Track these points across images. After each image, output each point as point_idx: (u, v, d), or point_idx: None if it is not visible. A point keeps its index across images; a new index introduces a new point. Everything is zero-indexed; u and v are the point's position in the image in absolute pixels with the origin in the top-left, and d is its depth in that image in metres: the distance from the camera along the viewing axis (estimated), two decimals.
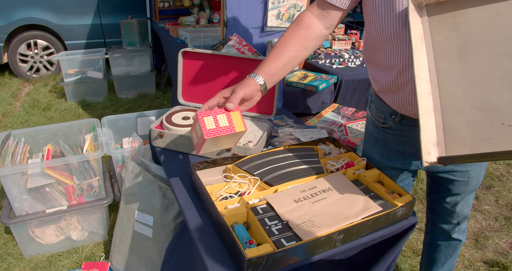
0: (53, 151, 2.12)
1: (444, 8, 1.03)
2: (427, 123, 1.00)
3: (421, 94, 1.00)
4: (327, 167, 1.34)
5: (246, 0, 1.86)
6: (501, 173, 3.22)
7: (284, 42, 1.24)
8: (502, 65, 0.95)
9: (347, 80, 2.38)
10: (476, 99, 0.98)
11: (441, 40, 1.03)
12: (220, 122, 1.11)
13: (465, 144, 0.97)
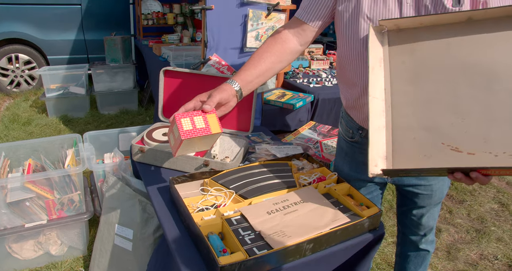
0: (34, 165, 2.15)
1: (404, 34, 1.13)
2: (377, 138, 1.10)
3: (374, 112, 1.10)
4: (299, 181, 1.41)
5: (226, 22, 1.94)
6: (473, 188, 3.35)
7: (262, 54, 1.33)
8: (448, 91, 1.06)
9: (324, 99, 2.48)
10: (423, 119, 1.08)
11: (397, 64, 1.14)
12: (197, 124, 1.18)
13: (410, 159, 1.08)
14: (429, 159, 1.06)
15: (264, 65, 1.32)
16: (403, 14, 1.17)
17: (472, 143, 1.01)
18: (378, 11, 1.19)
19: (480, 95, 1.02)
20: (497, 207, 3.09)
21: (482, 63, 1.03)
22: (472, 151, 1.01)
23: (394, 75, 1.14)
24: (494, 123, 1.00)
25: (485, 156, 0.99)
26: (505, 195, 3.27)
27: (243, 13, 1.96)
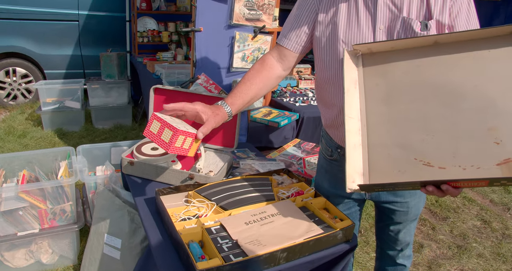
0: (28, 176, 2.23)
1: (377, 57, 1.23)
2: (354, 156, 1.18)
3: (350, 131, 1.19)
4: (278, 195, 1.50)
5: (214, 43, 2.06)
6: (457, 205, 3.45)
7: (251, 79, 1.44)
8: (418, 110, 1.15)
9: (309, 117, 2.60)
10: (396, 137, 1.17)
11: (371, 85, 1.23)
12: (163, 135, 1.27)
13: (385, 174, 1.16)
14: (403, 174, 1.14)
15: (253, 92, 1.43)
16: (376, 39, 1.28)
17: (443, 157, 1.10)
18: (353, 36, 1.31)
19: (448, 113, 1.11)
20: (480, 224, 3.18)
21: (449, 83, 1.12)
22: (443, 165, 1.09)
23: (368, 96, 1.23)
24: (462, 139, 1.08)
25: (455, 170, 1.07)
26: (488, 212, 3.37)
27: (230, 35, 2.08)
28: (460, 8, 1.24)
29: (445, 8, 1.24)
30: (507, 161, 1.01)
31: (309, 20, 1.40)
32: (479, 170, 1.04)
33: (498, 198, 3.65)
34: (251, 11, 2.08)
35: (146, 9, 4.85)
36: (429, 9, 1.25)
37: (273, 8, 2.18)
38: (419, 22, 1.25)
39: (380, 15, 1.28)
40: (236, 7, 2.03)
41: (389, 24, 1.28)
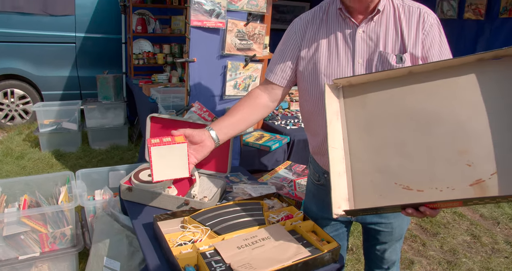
0: (29, 201, 2.31)
1: (356, 89, 1.32)
2: (338, 183, 1.27)
3: (334, 160, 1.27)
4: (269, 219, 1.59)
5: (206, 73, 2.17)
6: (447, 221, 3.54)
7: (237, 107, 1.54)
8: (396, 136, 1.24)
9: (299, 140, 2.70)
10: (377, 163, 1.26)
11: (352, 115, 1.33)
12: (164, 139, 1.37)
13: (369, 199, 1.25)
14: (385, 198, 1.22)
15: (238, 116, 1.52)
16: (356, 72, 1.39)
17: (420, 181, 1.18)
18: (334, 70, 1.42)
19: (423, 139, 1.20)
20: (470, 239, 3.27)
21: (423, 110, 1.21)
22: (421, 188, 1.18)
23: (350, 125, 1.32)
24: (437, 162, 1.17)
25: (432, 192, 1.16)
26: (478, 227, 3.46)
27: (223, 65, 2.19)
28: (432, 40, 1.36)
29: (418, 42, 1.35)
30: (478, 182, 1.09)
31: (293, 55, 1.50)
32: (454, 191, 1.12)
33: (488, 212, 3.75)
34: (242, 41, 2.20)
35: (141, 32, 4.98)
36: (404, 43, 1.36)
37: (263, 37, 2.30)
38: (394, 56, 1.36)
39: (358, 50, 1.39)
40: (228, 38, 2.15)
41: (367, 58, 1.39)
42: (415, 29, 1.36)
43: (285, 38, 1.54)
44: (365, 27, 1.38)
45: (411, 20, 1.36)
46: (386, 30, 1.37)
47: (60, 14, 5.48)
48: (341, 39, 1.41)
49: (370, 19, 1.37)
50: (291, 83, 1.57)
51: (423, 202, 1.11)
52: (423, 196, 1.16)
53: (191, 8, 2.03)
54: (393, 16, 1.38)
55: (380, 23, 1.38)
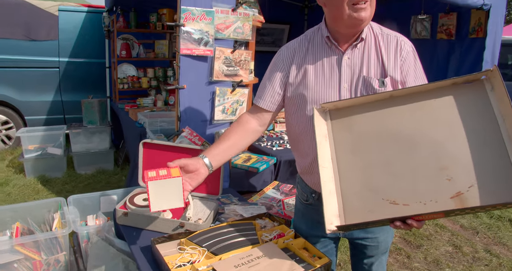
0: (21, 229, 2.33)
1: (342, 112, 1.43)
2: (330, 201, 1.36)
3: (324, 179, 1.37)
4: (262, 238, 1.66)
5: (196, 99, 2.26)
6: (430, 233, 3.66)
7: (227, 133, 1.63)
8: (380, 156, 1.34)
9: (285, 160, 2.80)
10: (365, 181, 1.36)
11: (340, 137, 1.43)
12: (160, 172, 1.47)
13: (358, 215, 1.33)
14: (373, 213, 1.31)
15: (229, 142, 1.61)
16: (341, 96, 1.50)
17: (405, 196, 1.28)
18: (321, 95, 1.52)
19: (406, 157, 1.30)
20: (451, 249, 3.39)
21: (404, 130, 1.32)
22: (406, 202, 1.27)
23: (338, 146, 1.43)
24: (420, 178, 1.27)
25: (417, 205, 1.25)
26: (459, 237, 3.59)
27: (211, 91, 2.29)
28: (409, 66, 1.49)
29: (397, 67, 1.48)
30: (458, 194, 1.20)
31: (281, 82, 1.60)
32: (437, 204, 1.22)
33: (468, 223, 3.89)
34: (229, 68, 2.30)
35: (126, 56, 5.06)
36: (384, 68, 1.48)
37: (248, 63, 2.41)
38: (377, 80, 1.47)
39: (344, 75, 1.50)
40: (216, 65, 2.25)
41: (352, 82, 1.50)
42: (393, 55, 1.48)
43: (272, 66, 1.65)
44: (350, 53, 1.50)
45: (389, 48, 1.49)
46: (369, 57, 1.49)
47: (43, 39, 5.53)
48: (328, 65, 1.52)
49: (354, 46, 1.49)
50: (280, 108, 1.67)
51: (410, 215, 1.21)
52: (408, 209, 1.26)
53: (180, 37, 2.12)
54: (374, 44, 1.50)
55: (363, 50, 1.50)
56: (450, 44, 4.83)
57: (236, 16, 2.26)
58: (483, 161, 1.20)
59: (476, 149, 1.22)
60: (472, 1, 3.50)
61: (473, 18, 4.33)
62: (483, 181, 1.19)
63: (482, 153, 1.21)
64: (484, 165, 1.20)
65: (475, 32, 4.33)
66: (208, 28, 2.17)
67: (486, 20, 3.97)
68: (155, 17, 5.15)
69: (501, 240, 3.60)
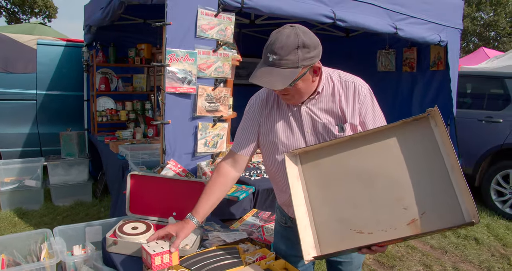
0: (7, 261, 2.38)
1: (310, 155, 1.63)
2: (305, 234, 1.54)
3: (299, 215, 1.55)
4: (245, 260, 1.81)
5: (180, 133, 2.42)
6: (401, 254, 3.86)
7: (211, 188, 1.80)
8: (346, 191, 1.54)
9: (263, 189, 2.96)
10: (334, 214, 1.54)
11: (310, 177, 1.62)
12: (164, 259, 1.66)
13: (331, 245, 1.51)
14: (344, 241, 1.49)
15: (214, 197, 1.79)
16: (307, 139, 1.70)
17: (369, 225, 1.46)
18: (289, 140, 1.72)
19: (367, 191, 1.49)
20: (422, 269, 3.58)
21: (364, 167, 1.51)
22: (370, 231, 1.45)
23: (309, 185, 1.61)
24: (380, 209, 1.45)
25: (379, 233, 1.43)
26: (429, 257, 3.81)
27: (194, 125, 2.46)
28: (367, 108, 1.67)
29: (355, 112, 1.66)
30: (413, 221, 1.39)
31: (253, 131, 1.81)
32: (396, 230, 1.41)
33: (437, 243, 4.14)
34: (210, 104, 2.49)
35: (105, 90, 5.18)
36: (343, 114, 1.67)
37: (228, 99, 2.60)
38: (336, 126, 1.66)
39: (305, 123, 1.70)
40: (199, 102, 2.43)
41: (314, 128, 1.70)
42: (352, 101, 1.66)
43: (246, 117, 1.84)
44: (308, 104, 1.69)
45: (348, 93, 1.67)
46: (326, 106, 1.68)
47: (21, 72, 5.61)
48: (291, 115, 1.73)
49: (312, 99, 1.68)
50: (254, 151, 1.86)
51: (374, 243, 1.40)
52: (372, 237, 1.44)
53: (165, 76, 2.31)
54: (331, 92, 1.68)
55: (320, 101, 1.68)
56: (413, 76, 5.19)
57: (216, 56, 2.47)
58: (432, 190, 1.39)
59: (425, 180, 1.41)
60: (430, 38, 3.84)
61: (432, 52, 4.71)
62: (433, 208, 1.37)
63: (430, 183, 1.40)
64: (433, 194, 1.39)
65: (435, 65, 4.70)
66: (191, 68, 2.36)
67: (445, 55, 4.34)
68: (133, 52, 5.32)
69: (467, 257, 3.85)
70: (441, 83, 4.67)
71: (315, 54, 1.52)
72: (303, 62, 1.48)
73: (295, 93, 1.60)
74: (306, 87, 1.59)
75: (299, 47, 1.46)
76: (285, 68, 1.48)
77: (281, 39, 1.46)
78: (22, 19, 19.67)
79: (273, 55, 1.47)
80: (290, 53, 1.46)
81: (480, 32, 25.90)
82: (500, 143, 4.96)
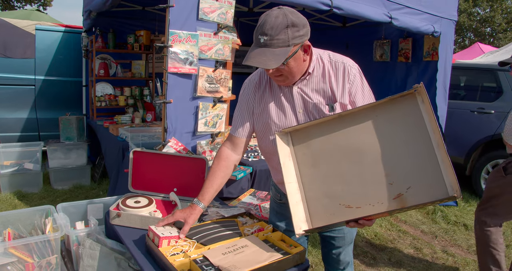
0: (13, 234, 2.46)
1: (301, 133, 1.68)
2: (297, 210, 1.61)
3: (290, 192, 1.63)
4: (244, 232, 1.89)
5: (181, 112, 2.50)
6: (393, 238, 3.97)
7: (214, 174, 1.88)
8: (335, 167, 1.60)
9: (261, 170, 3.05)
10: (324, 190, 1.61)
11: (301, 155, 1.68)
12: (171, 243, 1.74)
13: (322, 218, 1.59)
14: (333, 216, 1.56)
15: (218, 181, 1.88)
16: (299, 119, 1.77)
17: (357, 200, 1.53)
18: (282, 121, 1.79)
19: (356, 167, 1.55)
20: (413, 251, 3.70)
21: (352, 144, 1.56)
22: (359, 205, 1.52)
23: (300, 163, 1.68)
24: (368, 184, 1.51)
25: (367, 207, 1.50)
26: (419, 241, 3.93)
27: (195, 105, 2.53)
28: (356, 88, 1.73)
29: (345, 91, 1.72)
30: (399, 195, 1.45)
31: (249, 113, 1.88)
32: (383, 205, 1.47)
33: (427, 228, 4.26)
34: (210, 85, 2.56)
35: (104, 75, 5.22)
36: (334, 94, 1.73)
37: (227, 81, 2.68)
38: (326, 105, 1.73)
39: (297, 103, 1.77)
40: (200, 82, 2.50)
41: (305, 108, 1.76)
42: (342, 81, 1.72)
43: (241, 100, 1.92)
44: (299, 85, 1.75)
45: (338, 74, 1.73)
46: (317, 86, 1.74)
47: (20, 57, 5.63)
48: (283, 96, 1.79)
49: (303, 79, 1.74)
50: (251, 134, 1.94)
51: (361, 216, 1.46)
52: (360, 211, 1.51)
53: (168, 57, 2.37)
54: (321, 73, 1.74)
55: (311, 81, 1.74)
56: (407, 67, 5.27)
57: (217, 39, 2.54)
58: (418, 165, 1.42)
59: (411, 156, 1.44)
60: (424, 28, 3.92)
61: (426, 43, 4.80)
62: (419, 183, 1.41)
63: (416, 158, 1.43)
64: (418, 169, 1.43)
65: (429, 55, 4.78)
66: (193, 50, 2.43)
67: (439, 45, 4.42)
68: (132, 38, 5.37)
69: (456, 242, 3.97)
70: (434, 74, 4.76)
71: (304, 33, 1.58)
72: (293, 41, 1.54)
73: (288, 74, 1.66)
74: (297, 66, 1.65)
75: (288, 26, 1.52)
76: (276, 47, 1.53)
77: (270, 21, 1.52)
78: (16, 6, 19.50)
79: (264, 36, 1.53)
80: (280, 33, 1.51)
81: (476, 27, 26.06)
82: (491, 134, 5.07)
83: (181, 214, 1.81)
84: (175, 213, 1.83)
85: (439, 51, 4.34)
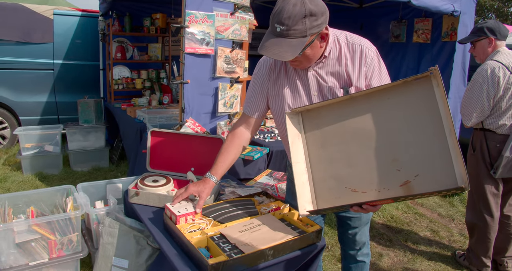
0: (35, 212, 2.53)
1: (311, 114, 1.64)
2: (303, 190, 1.59)
3: (297, 172, 1.60)
4: (261, 210, 1.91)
5: (198, 93, 2.51)
6: (410, 220, 3.96)
7: (227, 149, 1.90)
8: (343, 150, 1.56)
9: (277, 150, 3.05)
10: (331, 172, 1.57)
11: (310, 135, 1.65)
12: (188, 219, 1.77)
13: (327, 201, 1.57)
14: (339, 199, 1.53)
15: (231, 157, 1.90)
16: (313, 102, 1.73)
17: (363, 184, 1.47)
18: (296, 103, 1.78)
19: (364, 151, 1.50)
20: (429, 234, 3.69)
21: (362, 127, 1.51)
22: (364, 190, 1.48)
23: (309, 143, 1.65)
24: (375, 169, 1.46)
25: (373, 193, 1.46)
26: (436, 223, 3.91)
27: (214, 86, 2.54)
28: (373, 71, 1.69)
29: (361, 75, 1.68)
30: (406, 182, 1.40)
31: (262, 93, 1.88)
32: (389, 191, 1.42)
33: (445, 211, 4.23)
34: (228, 65, 2.56)
35: (121, 59, 5.26)
36: (349, 78, 1.69)
37: (243, 61, 2.67)
38: (341, 89, 1.70)
39: (312, 86, 1.74)
40: (218, 63, 2.50)
41: (320, 91, 1.74)
42: (358, 64, 1.68)
43: (254, 80, 1.90)
44: (315, 67, 1.72)
45: (355, 57, 1.68)
46: (333, 69, 1.71)
47: (38, 42, 5.70)
48: (298, 79, 1.77)
49: (319, 63, 1.71)
50: (265, 113, 1.94)
51: (365, 201, 1.42)
52: (366, 196, 1.47)
53: (185, 38, 2.37)
54: (338, 56, 1.70)
55: (327, 64, 1.71)
56: (421, 47, 5.17)
57: (234, 19, 2.52)
58: (428, 152, 1.35)
59: (422, 142, 1.37)
60: (444, 7, 3.82)
61: (445, 23, 4.69)
62: (427, 170, 1.34)
63: (427, 145, 1.35)
64: (428, 156, 1.35)
65: (448, 36, 4.68)
66: (210, 30, 2.43)
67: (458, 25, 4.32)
68: (148, 21, 5.37)
69: None
70: (451, 55, 4.65)
71: (323, 21, 1.52)
72: (311, 31, 1.50)
73: (304, 60, 1.64)
74: (314, 53, 1.62)
75: (306, 16, 1.46)
76: (293, 38, 1.49)
77: (288, 9, 1.45)
78: None
79: (281, 25, 1.48)
80: (297, 23, 1.46)
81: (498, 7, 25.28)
82: None
83: (195, 187, 1.83)
84: (188, 187, 1.85)
85: (458, 31, 4.24)
